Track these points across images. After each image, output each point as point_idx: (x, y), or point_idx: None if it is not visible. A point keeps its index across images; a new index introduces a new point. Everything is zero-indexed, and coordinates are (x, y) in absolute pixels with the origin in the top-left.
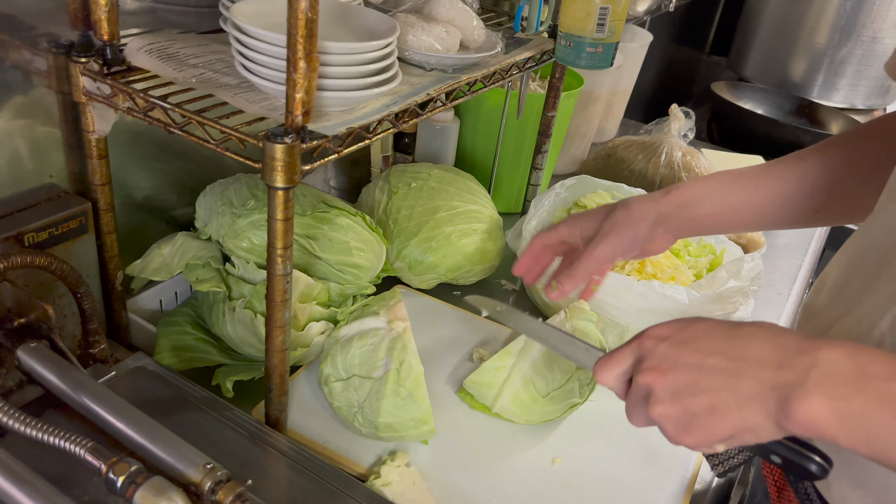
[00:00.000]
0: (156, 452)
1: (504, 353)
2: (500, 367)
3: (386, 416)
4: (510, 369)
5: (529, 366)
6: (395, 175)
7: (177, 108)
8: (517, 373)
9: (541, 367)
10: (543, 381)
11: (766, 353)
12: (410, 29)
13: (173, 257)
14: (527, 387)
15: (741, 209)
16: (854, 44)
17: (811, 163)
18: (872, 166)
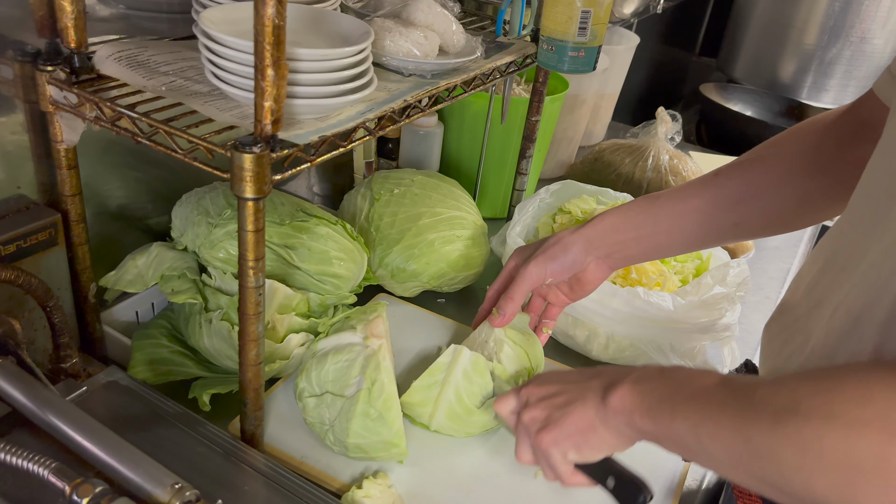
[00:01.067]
0: (123, 472)
1: (433, 368)
2: (430, 384)
3: (355, 436)
4: (441, 385)
5: (461, 376)
6: (377, 181)
7: (144, 118)
8: (449, 386)
9: (472, 374)
10: (477, 389)
11: (611, 370)
12: (388, 34)
13: (148, 268)
14: (460, 399)
15: (663, 229)
16: (843, 44)
17: (725, 176)
18: (787, 173)
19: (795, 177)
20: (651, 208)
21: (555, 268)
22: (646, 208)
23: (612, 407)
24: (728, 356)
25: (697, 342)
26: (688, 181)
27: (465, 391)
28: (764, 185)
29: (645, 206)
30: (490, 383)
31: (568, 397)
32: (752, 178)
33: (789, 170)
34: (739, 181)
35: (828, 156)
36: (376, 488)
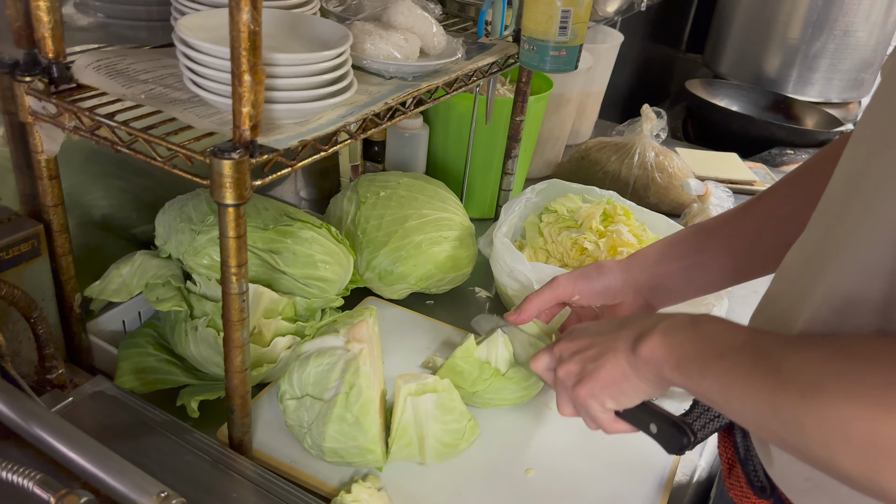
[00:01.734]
0: (109, 482)
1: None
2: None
3: (331, 441)
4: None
5: (432, 421)
6: (363, 184)
7: (123, 126)
8: (427, 436)
9: (441, 415)
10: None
11: (639, 319)
12: (368, 37)
13: (133, 277)
14: (441, 441)
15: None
16: (827, 38)
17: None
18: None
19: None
20: (697, 235)
21: (584, 287)
22: (691, 235)
23: (642, 357)
24: None
25: None
26: (732, 208)
27: (442, 432)
28: (813, 201)
29: (690, 233)
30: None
31: (600, 349)
32: (800, 194)
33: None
34: (786, 199)
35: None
36: (366, 492)
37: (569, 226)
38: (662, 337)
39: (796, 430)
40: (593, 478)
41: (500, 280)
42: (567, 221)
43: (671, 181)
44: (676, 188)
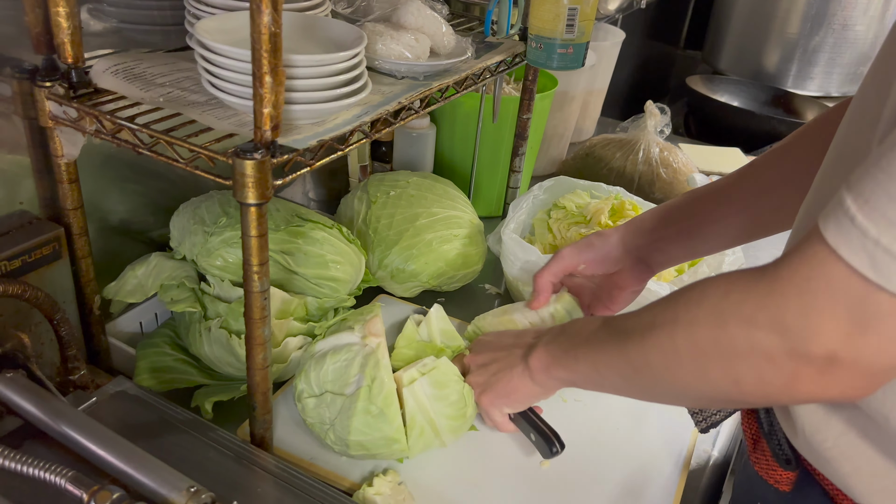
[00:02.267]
0: (138, 478)
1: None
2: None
3: (356, 434)
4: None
5: (434, 401)
6: (373, 184)
7: (144, 129)
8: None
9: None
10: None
11: (529, 336)
12: (379, 38)
13: (148, 278)
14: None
15: (703, 220)
16: (825, 32)
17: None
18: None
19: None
20: (690, 202)
21: (589, 256)
22: (685, 202)
23: (532, 367)
24: None
25: None
26: (724, 176)
27: (446, 406)
28: (801, 168)
29: (684, 200)
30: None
31: (499, 365)
32: (789, 162)
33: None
34: (776, 166)
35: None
36: (387, 485)
37: (578, 221)
38: (544, 346)
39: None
40: (608, 467)
41: (511, 275)
42: (576, 217)
43: (676, 176)
44: (681, 183)
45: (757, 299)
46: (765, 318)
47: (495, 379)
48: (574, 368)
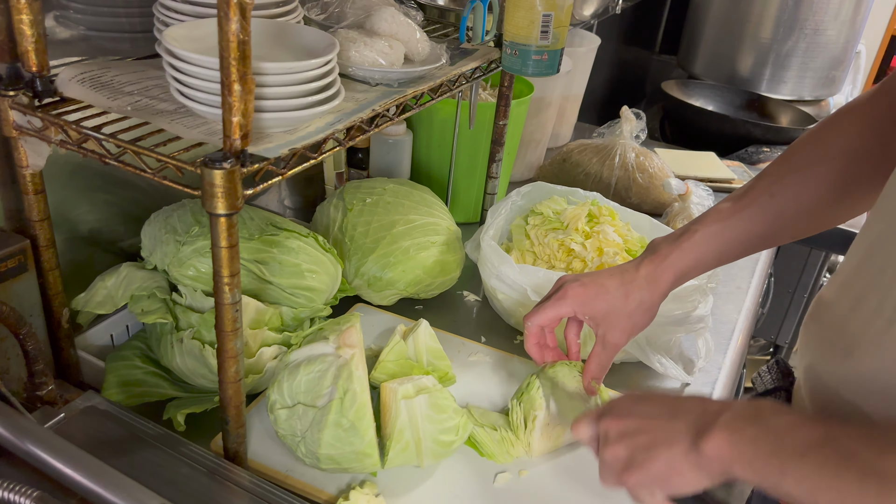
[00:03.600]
0: (106, 497)
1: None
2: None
3: (327, 447)
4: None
5: (427, 422)
6: (349, 191)
7: (111, 139)
8: (424, 438)
9: (434, 415)
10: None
11: (695, 407)
12: (352, 45)
13: (118, 289)
14: (437, 440)
15: (727, 258)
16: (798, 37)
17: (781, 200)
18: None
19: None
20: (717, 246)
21: (639, 329)
22: (712, 247)
23: (706, 455)
24: (703, 347)
25: (672, 335)
26: (742, 199)
27: (437, 431)
28: (818, 199)
29: (710, 243)
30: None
31: (651, 438)
32: (806, 192)
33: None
34: (795, 198)
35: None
36: (364, 498)
37: (555, 227)
38: (728, 434)
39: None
40: (587, 476)
41: (489, 283)
42: (553, 223)
43: (652, 181)
44: (657, 188)
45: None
46: None
47: (647, 457)
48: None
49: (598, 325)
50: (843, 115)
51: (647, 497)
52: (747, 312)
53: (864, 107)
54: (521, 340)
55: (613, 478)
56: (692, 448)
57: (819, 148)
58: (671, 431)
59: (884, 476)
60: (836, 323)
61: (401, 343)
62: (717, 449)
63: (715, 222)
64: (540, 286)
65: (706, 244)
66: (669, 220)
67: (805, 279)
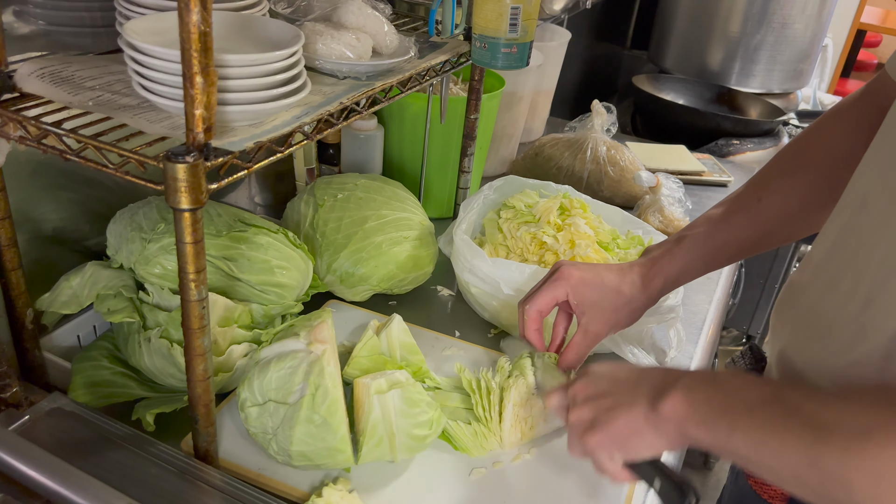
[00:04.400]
0: (72, 498)
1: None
2: (377, 440)
3: (299, 444)
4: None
5: (400, 417)
6: (320, 187)
7: (71, 134)
8: (397, 433)
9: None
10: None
11: (659, 374)
12: (319, 37)
13: (83, 288)
14: (411, 435)
15: (716, 263)
16: (766, 31)
17: (769, 205)
18: (828, 193)
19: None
20: (705, 252)
21: (620, 329)
22: (700, 253)
23: (663, 414)
24: (674, 337)
25: (644, 325)
26: (730, 205)
27: (411, 426)
28: (806, 200)
29: (698, 249)
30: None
31: (614, 400)
32: (795, 196)
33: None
34: (783, 202)
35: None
36: (337, 494)
37: (527, 221)
38: (685, 393)
39: (841, 483)
40: (562, 468)
41: (462, 277)
42: (525, 216)
43: (623, 174)
44: (629, 181)
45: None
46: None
47: (608, 417)
48: (725, 439)
49: (583, 313)
50: (829, 119)
51: (607, 461)
52: (718, 303)
53: (850, 110)
54: (494, 334)
55: (577, 439)
56: (651, 409)
57: (805, 153)
58: (633, 394)
59: (821, 426)
60: (810, 307)
61: (374, 338)
62: (673, 409)
63: (703, 228)
64: (513, 279)
65: (695, 249)
66: (640, 212)
67: (776, 269)
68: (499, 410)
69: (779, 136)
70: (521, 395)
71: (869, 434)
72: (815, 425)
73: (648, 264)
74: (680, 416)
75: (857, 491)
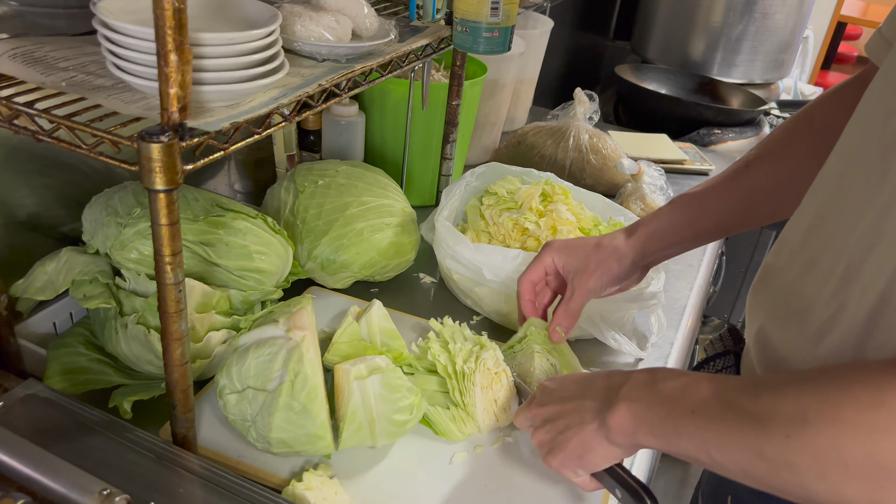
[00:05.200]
0: (46, 483)
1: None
2: (357, 426)
3: (278, 431)
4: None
5: (380, 402)
6: (300, 174)
7: (43, 114)
8: (378, 419)
9: (388, 395)
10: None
11: (602, 383)
12: (298, 19)
13: (58, 274)
14: (391, 420)
15: (703, 229)
16: (748, 21)
17: (758, 173)
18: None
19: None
20: (690, 212)
21: (612, 282)
22: (685, 212)
23: (612, 428)
24: (655, 324)
25: (626, 311)
26: (720, 175)
27: (391, 411)
28: (795, 172)
29: (684, 209)
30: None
31: (567, 421)
32: (783, 167)
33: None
34: (772, 172)
35: None
36: (317, 479)
37: (509, 207)
38: (628, 405)
39: (788, 469)
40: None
41: (444, 264)
42: (507, 203)
43: (605, 162)
44: (611, 169)
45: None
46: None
47: (563, 438)
48: (673, 443)
49: (571, 273)
50: (823, 97)
51: (573, 476)
52: (699, 290)
53: (843, 92)
54: (477, 321)
55: (544, 461)
56: (601, 425)
57: (797, 129)
58: (582, 412)
59: (758, 418)
60: (787, 287)
61: (354, 324)
62: (620, 421)
63: (692, 191)
64: (495, 265)
65: (680, 208)
66: (622, 200)
67: (757, 258)
68: (471, 395)
69: (760, 126)
70: (486, 379)
71: (806, 417)
72: (754, 418)
73: (633, 225)
74: (628, 429)
75: (804, 473)
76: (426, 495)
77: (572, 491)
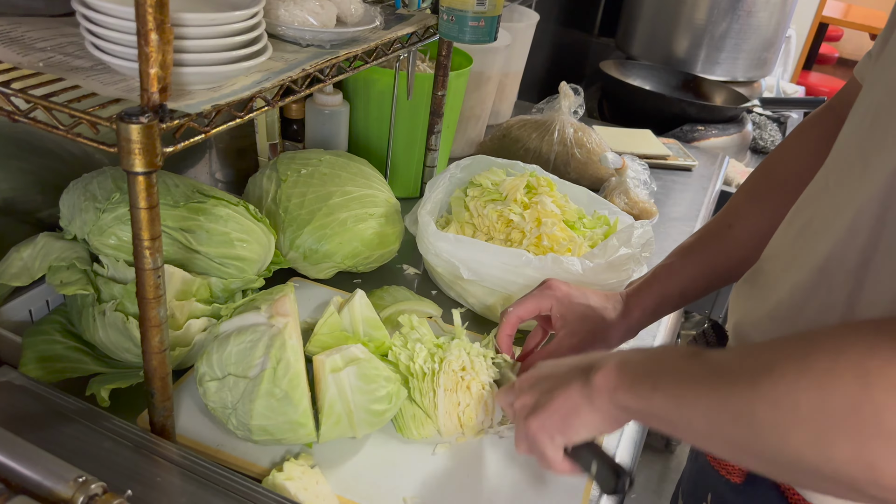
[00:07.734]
0: (19, 470)
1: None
2: (331, 402)
3: (259, 418)
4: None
5: (357, 394)
6: (283, 162)
7: (20, 93)
8: (356, 409)
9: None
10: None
11: (596, 356)
12: (282, 3)
13: (34, 260)
14: (368, 410)
15: (693, 295)
16: (731, 19)
17: (740, 230)
18: None
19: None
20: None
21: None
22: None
23: (595, 386)
24: None
25: None
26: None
27: (369, 401)
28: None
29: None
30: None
31: (554, 382)
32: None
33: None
34: (754, 228)
35: None
36: (298, 469)
37: (494, 199)
38: (615, 364)
39: (747, 418)
40: None
41: (427, 257)
42: (492, 195)
43: (590, 156)
44: (595, 163)
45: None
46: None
47: (548, 398)
48: (649, 399)
49: (563, 327)
50: (793, 139)
51: (549, 446)
52: None
53: (814, 129)
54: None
55: (521, 424)
56: (585, 383)
57: (771, 176)
58: (570, 373)
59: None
60: (767, 283)
61: (335, 315)
62: (605, 378)
63: (678, 259)
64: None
65: (670, 282)
66: (607, 193)
67: None
68: (430, 397)
69: (742, 123)
70: (451, 381)
71: (771, 367)
72: (724, 371)
73: (628, 295)
74: (611, 385)
75: (759, 422)
76: (408, 485)
77: (552, 482)
